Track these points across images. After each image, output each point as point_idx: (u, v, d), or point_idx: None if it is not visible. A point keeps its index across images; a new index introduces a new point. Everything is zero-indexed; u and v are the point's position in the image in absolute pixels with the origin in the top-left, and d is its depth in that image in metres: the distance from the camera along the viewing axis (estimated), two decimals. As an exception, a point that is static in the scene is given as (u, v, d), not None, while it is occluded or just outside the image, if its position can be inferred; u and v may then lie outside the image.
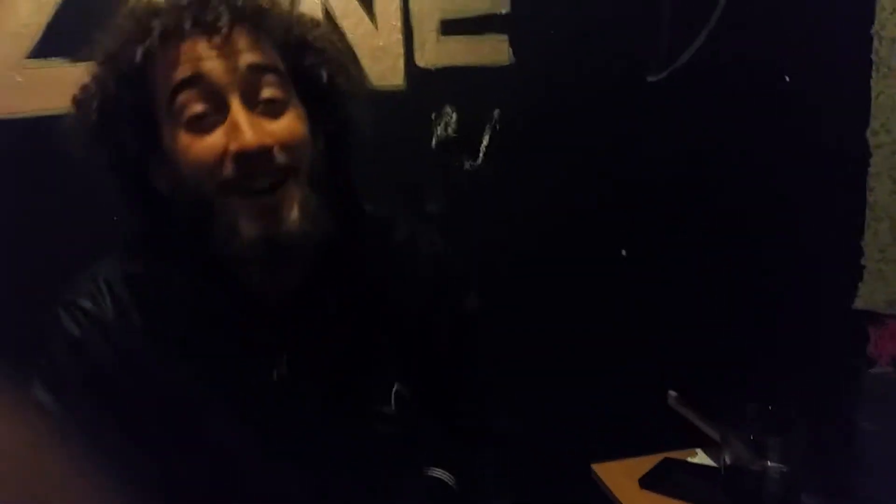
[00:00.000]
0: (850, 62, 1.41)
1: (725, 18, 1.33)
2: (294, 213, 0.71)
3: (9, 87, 1.12)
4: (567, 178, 1.35)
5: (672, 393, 1.18)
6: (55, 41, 1.11)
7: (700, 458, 1.14)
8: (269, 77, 0.73)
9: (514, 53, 1.29)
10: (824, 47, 1.39)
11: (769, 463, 0.82)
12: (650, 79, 1.35)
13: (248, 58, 0.71)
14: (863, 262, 1.45)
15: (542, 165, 1.33)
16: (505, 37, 1.28)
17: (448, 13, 1.25)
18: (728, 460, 0.85)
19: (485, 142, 1.32)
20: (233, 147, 0.69)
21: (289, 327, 0.77)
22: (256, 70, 0.72)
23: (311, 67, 0.77)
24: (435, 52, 1.25)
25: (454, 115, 1.28)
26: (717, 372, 1.28)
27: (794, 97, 1.38)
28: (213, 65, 0.70)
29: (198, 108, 0.70)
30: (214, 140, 0.70)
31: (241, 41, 0.71)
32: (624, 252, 1.40)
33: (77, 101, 0.76)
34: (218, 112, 0.70)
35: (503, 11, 1.28)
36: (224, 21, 0.70)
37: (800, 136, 1.39)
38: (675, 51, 1.34)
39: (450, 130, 1.29)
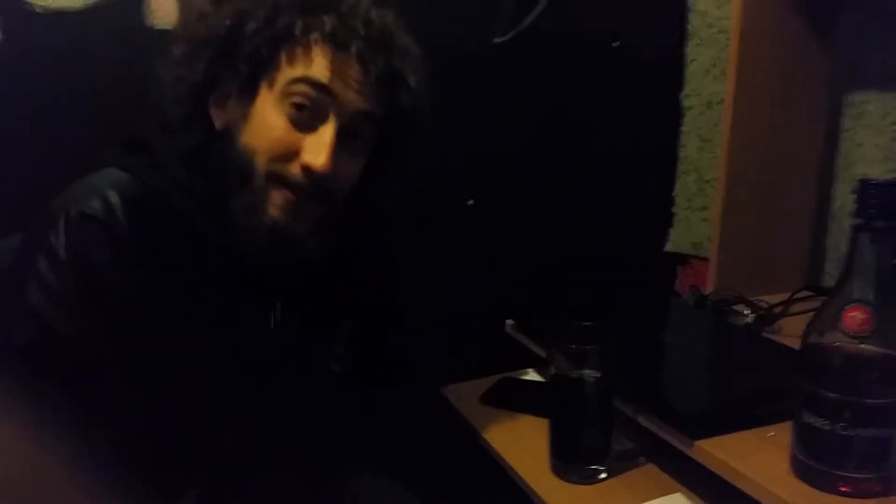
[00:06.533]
0: (668, 32, 1.60)
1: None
2: (309, 224, 0.80)
3: None
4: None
5: (509, 321, 1.31)
6: None
7: (532, 375, 1.30)
8: (369, 125, 0.82)
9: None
10: (647, 17, 1.55)
11: (586, 371, 0.95)
12: (496, 40, 1.45)
13: (366, 105, 0.80)
14: (674, 210, 1.67)
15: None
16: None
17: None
18: (553, 371, 0.98)
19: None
20: (308, 159, 0.77)
21: (281, 282, 0.85)
22: (365, 117, 0.81)
23: (400, 134, 0.87)
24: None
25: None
26: (549, 305, 1.45)
27: (621, 61, 1.54)
28: (342, 89, 0.77)
29: (307, 104, 0.77)
30: (298, 139, 0.77)
31: (376, 88, 0.80)
32: (471, 202, 1.51)
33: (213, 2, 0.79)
34: (315, 118, 0.77)
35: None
36: (378, 69, 0.78)
37: (624, 96, 1.54)
38: (520, 15, 1.45)
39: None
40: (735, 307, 1.24)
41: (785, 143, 1.31)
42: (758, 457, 0.80)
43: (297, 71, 0.77)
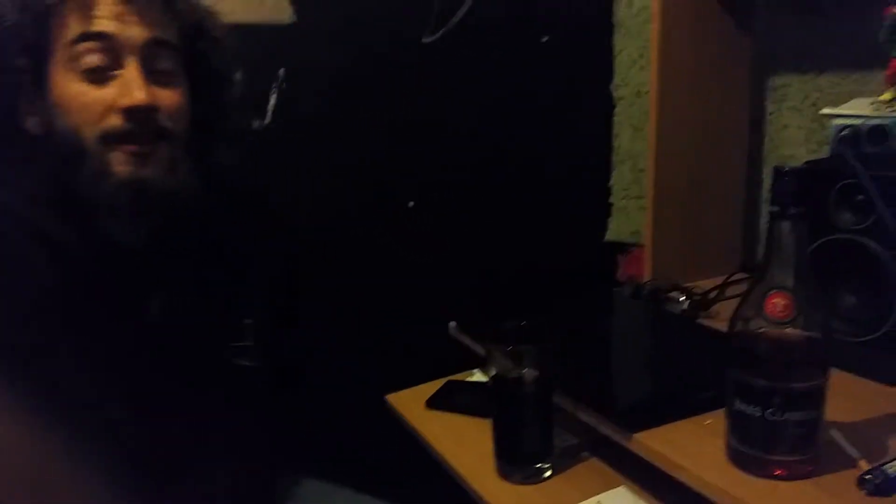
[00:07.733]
0: (595, 24, 1.60)
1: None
2: (163, 167, 0.80)
3: None
4: (353, 133, 1.41)
5: (452, 324, 1.30)
6: None
7: (478, 376, 1.29)
8: (166, 52, 0.82)
9: (295, 12, 1.32)
10: (574, 10, 1.56)
11: (525, 370, 0.95)
12: (425, 39, 1.44)
13: (153, 31, 0.80)
14: (611, 200, 1.67)
15: (330, 122, 1.39)
16: (285, -6, 1.30)
17: (224, -31, 1.25)
18: (493, 372, 0.97)
19: (272, 101, 1.35)
20: (124, 101, 0.77)
21: (156, 269, 0.84)
22: (158, 44, 0.81)
23: (204, 53, 0.88)
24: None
25: (239, 74, 1.30)
26: (491, 303, 1.45)
27: (550, 55, 1.54)
28: (120, 28, 0.78)
29: (96, 60, 0.77)
30: (106, 93, 0.77)
31: (151, 14, 0.79)
32: (411, 203, 1.50)
33: None
34: (113, 69, 0.78)
35: (281, -31, 1.30)
36: None
37: (555, 90, 1.55)
38: (447, 14, 1.44)
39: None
40: (670, 294, 1.25)
41: (712, 129, 1.33)
42: (695, 446, 0.80)
43: (68, 34, 0.78)
